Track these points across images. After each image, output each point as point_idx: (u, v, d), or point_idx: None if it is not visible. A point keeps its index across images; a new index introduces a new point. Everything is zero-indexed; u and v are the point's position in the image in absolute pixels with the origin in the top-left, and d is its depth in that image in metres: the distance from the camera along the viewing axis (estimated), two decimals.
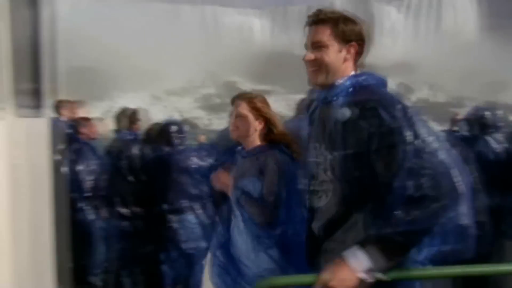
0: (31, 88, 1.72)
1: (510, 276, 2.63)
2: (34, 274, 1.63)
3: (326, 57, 1.34)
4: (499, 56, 58.18)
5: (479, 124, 3.22)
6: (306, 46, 1.38)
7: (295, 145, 1.80)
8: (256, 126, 1.85)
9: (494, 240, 2.79)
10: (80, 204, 3.26)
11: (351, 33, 1.35)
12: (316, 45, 1.35)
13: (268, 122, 1.86)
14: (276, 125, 1.87)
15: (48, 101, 1.84)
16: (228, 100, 1.99)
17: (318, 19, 1.35)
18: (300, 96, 2.99)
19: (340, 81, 1.34)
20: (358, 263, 1.11)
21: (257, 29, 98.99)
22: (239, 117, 1.85)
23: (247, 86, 62.20)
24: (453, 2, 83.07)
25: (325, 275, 1.13)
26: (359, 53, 1.39)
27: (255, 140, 1.86)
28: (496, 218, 2.92)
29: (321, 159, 1.31)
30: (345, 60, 1.36)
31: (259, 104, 1.88)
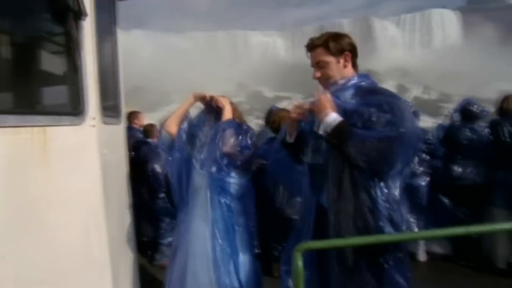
0: (112, 104, 2.28)
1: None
2: (121, 240, 2.16)
3: (330, 72, 1.69)
4: (479, 60, 65.24)
5: (468, 115, 3.78)
6: (313, 66, 1.73)
7: None
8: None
9: (485, 208, 3.40)
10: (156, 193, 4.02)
11: (341, 46, 1.69)
12: (318, 65, 1.71)
13: None
14: None
15: (123, 113, 2.42)
16: (256, 106, 2.40)
17: (313, 45, 1.72)
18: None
19: (343, 81, 1.69)
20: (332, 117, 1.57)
21: (279, 47, 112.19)
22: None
23: (271, 93, 67.39)
24: (441, 17, 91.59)
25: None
26: (354, 58, 1.72)
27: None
28: (487, 190, 3.74)
29: None
30: (345, 66, 1.70)
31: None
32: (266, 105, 5.15)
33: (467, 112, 3.91)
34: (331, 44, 1.67)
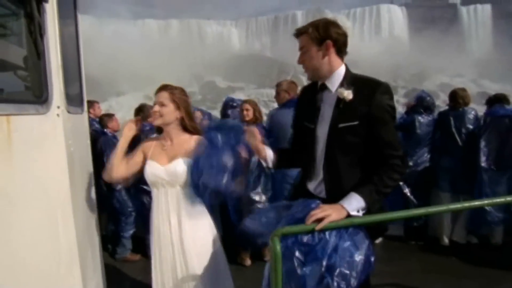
0: (75, 92, 2.19)
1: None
2: (88, 233, 2.10)
3: (309, 59, 1.74)
4: (423, 53, 70.22)
5: (422, 106, 4.10)
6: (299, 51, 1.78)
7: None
8: (177, 115, 2.02)
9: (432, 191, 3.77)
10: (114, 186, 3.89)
11: (323, 35, 1.70)
12: (302, 50, 1.77)
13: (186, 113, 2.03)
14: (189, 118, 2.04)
15: (85, 101, 2.33)
16: (208, 96, 2.36)
17: (298, 32, 1.79)
18: (267, 90, 3.56)
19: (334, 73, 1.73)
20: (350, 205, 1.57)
21: (234, 36, 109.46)
22: (162, 105, 2.01)
23: (224, 83, 66.54)
24: (388, 12, 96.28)
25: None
26: (337, 47, 1.72)
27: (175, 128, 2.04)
28: (434, 175, 4.13)
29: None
30: (324, 55, 1.71)
31: (178, 96, 2.02)
32: (218, 95, 5.15)
33: (422, 103, 4.22)
34: (312, 32, 1.71)
